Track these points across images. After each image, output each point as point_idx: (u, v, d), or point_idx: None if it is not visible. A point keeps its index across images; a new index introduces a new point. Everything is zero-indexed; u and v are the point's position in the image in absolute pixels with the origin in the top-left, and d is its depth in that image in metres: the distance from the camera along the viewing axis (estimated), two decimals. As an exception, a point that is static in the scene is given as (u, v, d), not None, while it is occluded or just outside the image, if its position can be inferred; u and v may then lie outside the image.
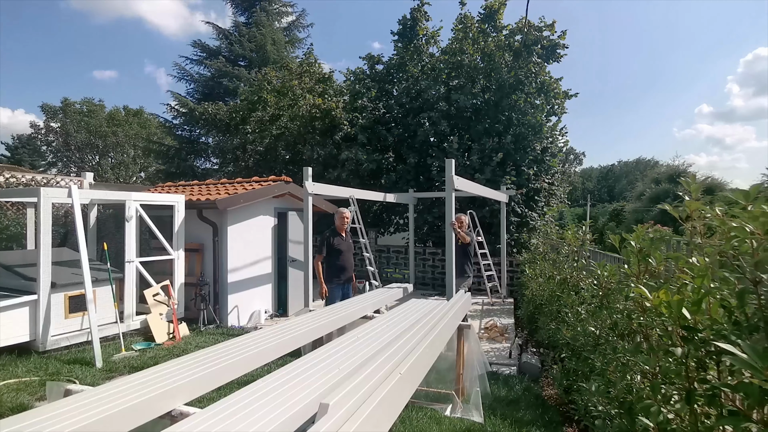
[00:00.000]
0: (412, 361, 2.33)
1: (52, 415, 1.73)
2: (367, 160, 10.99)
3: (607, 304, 2.83)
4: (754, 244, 1.35)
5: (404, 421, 3.63)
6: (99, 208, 7.52)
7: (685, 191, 1.80)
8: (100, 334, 5.45)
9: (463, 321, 4.23)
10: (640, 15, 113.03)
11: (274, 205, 7.95)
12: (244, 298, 7.36)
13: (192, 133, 18.77)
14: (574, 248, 4.92)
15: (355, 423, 1.63)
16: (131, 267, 6.18)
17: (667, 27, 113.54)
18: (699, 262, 1.64)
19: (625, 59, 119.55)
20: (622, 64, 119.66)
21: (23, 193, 6.71)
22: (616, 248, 2.35)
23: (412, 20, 11.82)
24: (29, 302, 5.25)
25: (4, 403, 3.82)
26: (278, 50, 19.43)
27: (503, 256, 9.55)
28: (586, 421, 2.67)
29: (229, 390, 4.16)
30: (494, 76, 10.69)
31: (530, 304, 6.13)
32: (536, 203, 10.73)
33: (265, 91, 13.99)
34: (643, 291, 1.78)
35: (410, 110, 11.65)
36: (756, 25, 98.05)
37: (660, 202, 17.64)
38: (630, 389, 2.08)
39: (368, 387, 1.92)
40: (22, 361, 4.98)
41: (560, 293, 4.39)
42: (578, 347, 3.21)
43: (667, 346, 1.68)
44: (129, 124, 27.09)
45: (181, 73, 19.67)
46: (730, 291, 1.48)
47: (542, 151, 10.67)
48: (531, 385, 4.62)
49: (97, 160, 26.78)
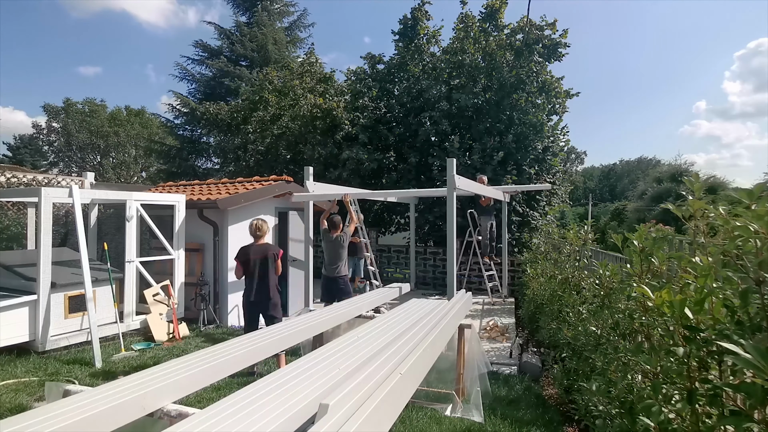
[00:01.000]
0: (412, 361, 2.32)
1: (50, 416, 1.72)
2: (368, 159, 10.98)
3: (608, 303, 2.81)
4: (758, 244, 1.33)
5: (404, 421, 3.62)
6: (100, 207, 7.53)
7: (688, 190, 1.78)
8: (100, 334, 5.45)
9: (463, 321, 4.22)
10: (639, 15, 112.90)
11: (274, 205, 7.94)
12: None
13: (193, 132, 18.80)
14: (575, 248, 4.90)
15: (355, 423, 1.62)
16: (131, 267, 6.18)
17: (667, 27, 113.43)
18: (702, 261, 1.63)
19: (625, 58, 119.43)
20: (623, 63, 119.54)
21: (24, 193, 6.71)
22: (618, 248, 2.33)
23: (413, 20, 11.81)
24: (29, 302, 5.25)
25: (2, 404, 3.82)
26: (279, 50, 19.44)
27: (504, 255, 9.54)
28: (587, 420, 2.66)
29: (228, 390, 4.16)
30: (495, 75, 10.67)
31: (531, 304, 6.11)
32: (537, 203, 10.71)
33: (267, 91, 13.99)
34: (645, 290, 1.76)
35: (411, 110, 11.64)
36: (753, 20, 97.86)
37: (662, 201, 17.62)
38: (631, 389, 2.07)
39: (368, 387, 1.91)
40: (21, 362, 4.98)
41: (561, 293, 4.38)
42: (579, 347, 3.20)
43: (669, 346, 1.67)
44: (130, 124, 27.14)
45: (182, 73, 19.71)
46: (733, 290, 1.46)
47: (543, 151, 10.66)
48: (531, 385, 4.61)
49: (99, 160, 26.84)
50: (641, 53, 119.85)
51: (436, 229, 10.99)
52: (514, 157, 10.28)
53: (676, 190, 18.48)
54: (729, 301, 1.48)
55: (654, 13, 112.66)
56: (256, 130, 13.72)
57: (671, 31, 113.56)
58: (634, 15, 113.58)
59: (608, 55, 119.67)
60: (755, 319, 1.36)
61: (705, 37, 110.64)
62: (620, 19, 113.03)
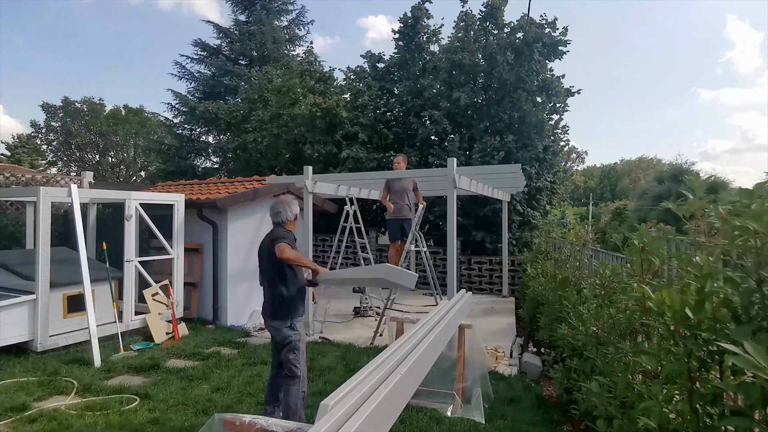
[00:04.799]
0: (412, 361, 2.31)
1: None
2: (368, 158, 10.97)
3: (609, 303, 2.81)
4: (758, 243, 1.33)
5: (404, 422, 3.62)
6: (98, 207, 7.51)
7: (689, 190, 1.78)
8: (99, 334, 5.44)
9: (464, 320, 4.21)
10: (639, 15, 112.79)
11: (274, 204, 7.93)
12: (244, 298, 7.35)
13: (192, 131, 18.77)
14: (576, 247, 4.90)
15: (355, 423, 1.61)
16: (130, 266, 6.17)
17: (667, 26, 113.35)
18: (702, 261, 1.62)
19: (626, 57, 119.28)
20: (623, 62, 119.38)
21: (23, 192, 6.69)
22: (618, 247, 2.33)
23: (413, 18, 11.80)
24: (28, 302, 5.23)
25: (1, 404, 3.81)
26: (279, 48, 19.42)
27: (505, 255, 9.54)
28: (587, 421, 2.66)
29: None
30: (496, 74, 10.65)
31: (531, 304, 6.11)
32: (538, 202, 10.71)
33: (266, 90, 13.97)
34: (645, 290, 1.76)
35: (411, 108, 11.63)
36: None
37: (663, 200, 17.60)
38: (631, 389, 2.07)
39: (368, 387, 1.90)
40: (20, 361, 4.97)
41: (562, 292, 4.37)
42: (579, 347, 3.20)
43: (669, 346, 1.67)
44: (129, 122, 27.09)
45: (181, 72, 19.67)
46: (733, 290, 1.46)
47: (544, 150, 10.64)
48: (532, 385, 4.61)
49: (98, 159, 26.80)
50: (641, 54, 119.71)
51: (435, 228, 10.98)
52: (515, 156, 10.27)
53: (677, 190, 18.48)
54: (729, 301, 1.48)
55: (654, 13, 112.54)
56: (255, 129, 13.70)
57: (672, 30, 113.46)
58: (634, 15, 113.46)
59: (610, 54, 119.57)
60: (756, 319, 1.36)
61: (705, 37, 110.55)
62: (621, 19, 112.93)
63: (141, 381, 4.63)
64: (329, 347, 5.81)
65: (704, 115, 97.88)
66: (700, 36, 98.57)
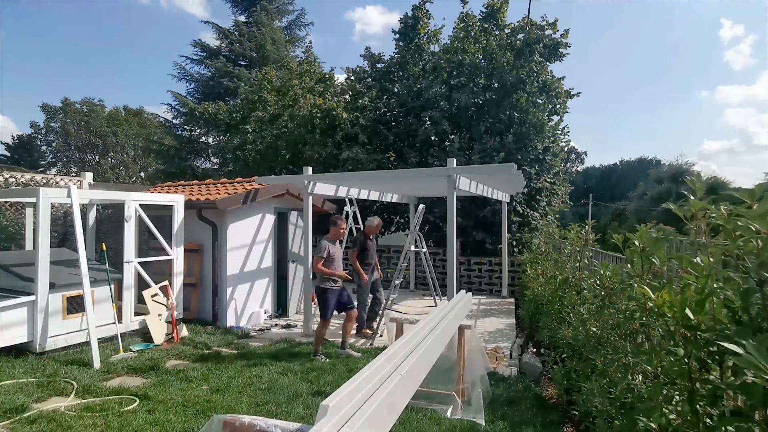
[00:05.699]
0: (412, 362, 2.31)
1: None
2: (367, 159, 10.97)
3: (609, 304, 2.81)
4: (759, 244, 1.32)
5: (404, 423, 3.61)
6: (98, 208, 7.50)
7: (690, 190, 1.78)
8: (99, 335, 5.43)
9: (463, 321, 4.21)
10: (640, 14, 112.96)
11: (274, 205, 7.93)
12: (244, 299, 7.34)
13: (192, 132, 18.78)
14: (576, 248, 4.89)
15: (354, 424, 1.61)
16: (130, 267, 6.16)
17: (667, 27, 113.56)
18: (703, 261, 1.62)
19: (625, 57, 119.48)
20: (624, 62, 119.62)
21: (22, 193, 6.68)
22: (618, 248, 2.33)
23: (414, 19, 11.81)
24: (27, 303, 5.22)
25: (0, 405, 3.80)
26: (278, 49, 19.43)
27: (504, 255, 9.54)
28: (587, 421, 2.65)
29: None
30: (496, 74, 10.66)
31: (531, 304, 6.10)
32: (538, 203, 10.71)
33: (266, 91, 13.98)
34: (645, 291, 1.76)
35: (411, 109, 11.63)
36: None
37: (663, 201, 17.62)
38: (631, 389, 2.06)
39: (368, 388, 1.89)
40: (19, 363, 4.95)
41: (562, 293, 4.37)
42: (579, 347, 3.19)
43: (670, 346, 1.66)
44: (129, 123, 27.08)
45: (181, 73, 19.69)
46: (734, 291, 1.46)
47: (544, 151, 10.65)
48: (531, 386, 4.60)
49: (97, 160, 26.77)
50: (641, 52, 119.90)
51: (436, 229, 10.98)
52: (515, 158, 10.27)
53: (677, 191, 18.50)
54: (730, 302, 1.47)
55: (655, 12, 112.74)
56: (255, 130, 13.70)
57: (671, 31, 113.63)
58: (635, 14, 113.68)
59: (610, 54, 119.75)
60: (756, 319, 1.36)
61: (705, 37, 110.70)
62: (620, 19, 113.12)
63: (140, 382, 4.63)
64: (330, 348, 5.81)
65: (704, 115, 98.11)
66: (700, 36, 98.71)
